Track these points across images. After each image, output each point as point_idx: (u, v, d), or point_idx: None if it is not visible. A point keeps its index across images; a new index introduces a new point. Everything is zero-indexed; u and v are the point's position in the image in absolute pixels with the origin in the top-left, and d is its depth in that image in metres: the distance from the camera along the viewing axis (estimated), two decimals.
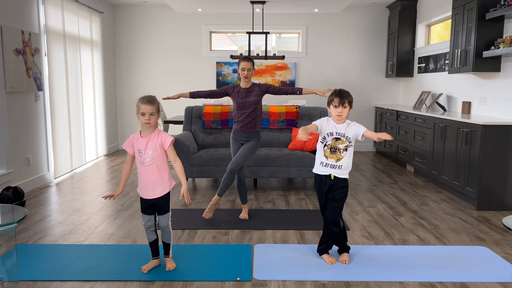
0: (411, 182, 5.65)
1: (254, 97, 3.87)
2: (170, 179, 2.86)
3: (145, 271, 2.88)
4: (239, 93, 3.89)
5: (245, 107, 3.87)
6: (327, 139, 2.97)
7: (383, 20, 8.00)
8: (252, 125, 3.91)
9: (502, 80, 4.78)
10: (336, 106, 2.92)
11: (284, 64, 8.07)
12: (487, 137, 4.25)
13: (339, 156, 2.95)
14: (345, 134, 2.94)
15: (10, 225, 2.45)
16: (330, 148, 2.96)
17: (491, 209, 4.35)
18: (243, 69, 3.82)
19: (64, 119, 5.96)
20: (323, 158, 2.98)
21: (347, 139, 2.95)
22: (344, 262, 3.03)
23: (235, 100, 3.91)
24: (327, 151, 2.97)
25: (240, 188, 4.03)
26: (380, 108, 7.62)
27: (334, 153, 2.96)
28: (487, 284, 2.76)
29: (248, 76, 3.84)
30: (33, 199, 4.69)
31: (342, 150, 2.95)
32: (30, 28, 5.16)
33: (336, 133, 2.95)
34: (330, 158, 2.96)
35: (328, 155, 2.97)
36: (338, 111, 2.92)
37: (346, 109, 2.92)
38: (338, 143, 2.95)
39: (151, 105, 2.72)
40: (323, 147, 2.99)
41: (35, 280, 2.77)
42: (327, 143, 2.97)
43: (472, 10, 4.86)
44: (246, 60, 3.82)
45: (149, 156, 2.76)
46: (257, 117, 3.92)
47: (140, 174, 2.82)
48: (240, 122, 3.91)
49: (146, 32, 8.08)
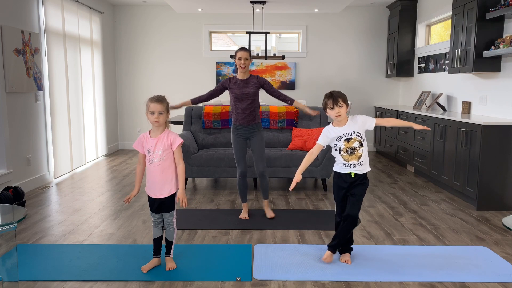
0: (411, 182, 5.65)
1: (252, 88, 3.85)
2: (177, 180, 2.88)
3: (145, 270, 2.88)
4: (236, 84, 3.87)
5: (243, 98, 3.85)
6: (339, 144, 2.95)
7: (383, 20, 8.00)
8: (252, 117, 3.90)
9: (502, 80, 4.78)
10: (332, 108, 2.91)
11: (284, 64, 8.07)
12: (487, 137, 4.25)
13: (358, 154, 2.92)
14: (354, 132, 2.92)
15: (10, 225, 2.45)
16: (346, 151, 2.93)
17: (491, 209, 4.35)
18: (240, 58, 3.81)
19: (64, 119, 5.96)
20: (344, 162, 2.95)
21: (358, 135, 2.92)
22: (347, 262, 3.03)
23: (233, 92, 3.87)
24: (345, 155, 2.94)
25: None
26: (380, 108, 7.62)
27: (352, 153, 2.93)
28: (487, 284, 2.76)
29: (246, 66, 3.82)
30: (33, 199, 4.69)
31: (358, 147, 2.93)
32: (30, 28, 5.16)
33: (344, 134, 2.93)
34: (351, 159, 2.93)
35: (348, 158, 2.94)
36: (335, 112, 2.90)
37: (343, 108, 2.90)
38: (351, 143, 2.92)
39: (160, 104, 2.75)
40: (339, 153, 2.97)
41: (35, 280, 2.77)
42: (341, 148, 2.94)
43: (472, 10, 4.86)
44: (242, 50, 3.82)
45: (158, 156, 2.79)
46: (256, 108, 3.91)
47: (148, 173, 2.85)
48: (240, 114, 3.89)
49: (146, 32, 8.08)
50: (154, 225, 2.94)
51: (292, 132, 5.47)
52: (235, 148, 3.98)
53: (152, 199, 2.87)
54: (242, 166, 3.99)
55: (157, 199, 2.85)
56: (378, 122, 2.99)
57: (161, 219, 2.93)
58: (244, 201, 4.08)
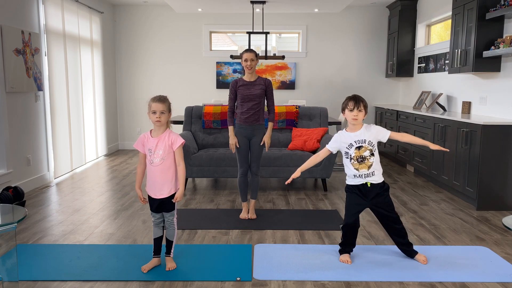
0: (411, 182, 5.65)
1: (258, 90, 3.88)
2: (177, 180, 2.88)
3: (145, 270, 2.88)
4: (243, 86, 3.89)
5: (249, 99, 3.87)
6: (350, 152, 2.93)
7: (383, 20, 8.00)
8: (256, 118, 3.92)
9: (502, 80, 4.78)
10: (351, 110, 2.88)
11: (284, 64, 8.07)
12: (487, 137, 4.25)
13: (369, 163, 2.90)
14: (365, 140, 2.90)
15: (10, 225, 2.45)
16: (357, 159, 2.91)
17: (491, 209, 4.34)
18: (246, 60, 3.83)
19: (64, 119, 5.96)
20: (355, 171, 2.93)
21: (370, 144, 2.90)
22: (347, 262, 3.03)
23: (240, 93, 3.90)
24: (355, 163, 2.92)
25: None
26: (380, 108, 7.62)
27: (362, 162, 2.91)
28: (487, 284, 2.76)
29: (252, 67, 3.84)
30: (33, 199, 4.69)
31: (369, 156, 2.91)
32: (30, 28, 5.16)
33: (356, 141, 2.91)
34: (361, 169, 2.91)
35: (358, 166, 2.91)
36: (353, 115, 2.88)
37: (361, 113, 2.88)
38: (362, 151, 2.90)
39: (161, 103, 2.77)
40: (349, 161, 2.94)
41: (35, 280, 2.77)
42: (352, 156, 2.92)
43: (472, 10, 4.86)
44: (248, 51, 3.85)
45: (159, 156, 2.79)
46: (260, 110, 3.94)
47: (149, 173, 2.86)
48: (244, 114, 3.90)
49: (146, 32, 8.08)
50: (155, 225, 2.95)
51: (292, 132, 5.47)
52: (237, 148, 4.00)
53: (152, 199, 2.87)
54: (244, 166, 4.01)
55: (157, 199, 2.85)
56: (393, 135, 2.97)
57: (161, 219, 2.93)
58: (244, 200, 4.08)
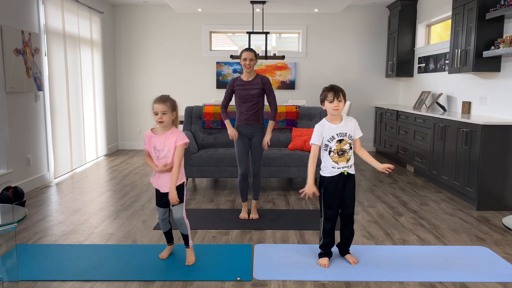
0: (411, 182, 5.65)
1: (256, 90, 3.86)
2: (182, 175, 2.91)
3: (164, 257, 3.03)
4: (240, 85, 3.88)
5: (248, 100, 3.86)
6: (330, 145, 2.89)
7: (383, 20, 8.00)
8: (256, 118, 3.90)
9: (502, 80, 4.78)
10: (331, 101, 2.85)
11: (284, 64, 8.07)
12: (487, 137, 4.25)
13: (348, 157, 2.90)
14: (346, 133, 2.89)
15: (10, 225, 2.45)
16: (337, 153, 2.89)
17: (491, 209, 4.34)
18: (245, 59, 3.81)
19: (64, 119, 5.96)
20: (334, 164, 2.89)
21: (349, 138, 2.89)
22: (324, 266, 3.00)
23: (237, 93, 3.88)
24: (334, 156, 2.89)
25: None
26: (380, 108, 7.62)
27: (342, 155, 2.89)
28: (487, 284, 2.76)
29: (251, 66, 3.82)
30: (33, 199, 4.69)
31: (348, 149, 2.90)
32: (30, 28, 5.16)
33: (337, 134, 2.88)
34: (340, 162, 2.89)
35: (337, 159, 2.89)
36: (334, 106, 2.85)
37: (341, 103, 2.85)
38: (343, 144, 2.88)
39: (162, 104, 2.78)
40: (328, 154, 2.90)
41: (35, 280, 2.77)
42: (332, 149, 2.89)
43: (472, 10, 4.86)
44: (247, 50, 3.83)
45: (164, 154, 2.84)
46: (260, 109, 3.92)
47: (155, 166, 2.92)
48: (243, 114, 3.89)
49: (146, 32, 8.08)
50: (160, 221, 3.02)
51: (292, 132, 5.47)
52: (237, 149, 3.97)
53: (159, 192, 2.94)
54: (244, 167, 3.98)
55: (163, 192, 2.91)
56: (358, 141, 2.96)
57: (166, 214, 3.00)
58: (244, 200, 4.08)
